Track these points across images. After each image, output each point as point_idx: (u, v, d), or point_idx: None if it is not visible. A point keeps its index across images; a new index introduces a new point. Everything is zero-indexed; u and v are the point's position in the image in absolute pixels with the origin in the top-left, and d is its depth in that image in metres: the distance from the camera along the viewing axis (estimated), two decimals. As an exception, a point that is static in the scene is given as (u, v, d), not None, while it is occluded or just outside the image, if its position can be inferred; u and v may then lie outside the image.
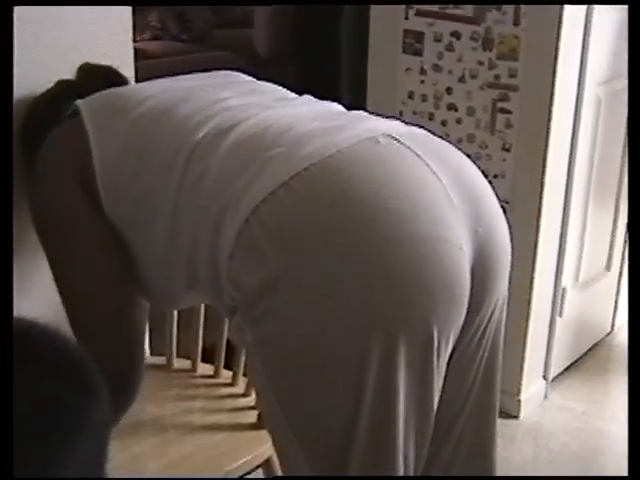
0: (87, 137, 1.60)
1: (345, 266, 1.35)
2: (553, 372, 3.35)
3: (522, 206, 2.89)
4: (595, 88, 3.05)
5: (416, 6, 3.01)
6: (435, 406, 1.46)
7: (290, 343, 1.39)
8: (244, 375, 2.15)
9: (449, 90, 3.02)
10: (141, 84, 1.75)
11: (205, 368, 2.23)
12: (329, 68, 3.54)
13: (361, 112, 1.60)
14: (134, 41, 2.13)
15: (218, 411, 2.07)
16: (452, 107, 3.03)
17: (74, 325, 1.63)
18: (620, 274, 3.68)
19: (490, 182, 1.57)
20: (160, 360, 2.25)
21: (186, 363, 2.24)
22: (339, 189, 1.38)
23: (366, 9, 3.20)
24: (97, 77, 1.87)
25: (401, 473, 1.43)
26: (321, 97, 1.73)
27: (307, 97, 1.69)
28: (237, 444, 1.95)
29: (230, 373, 2.18)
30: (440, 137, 1.56)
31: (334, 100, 1.73)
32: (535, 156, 2.88)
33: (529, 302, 3.01)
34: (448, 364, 1.47)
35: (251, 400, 2.09)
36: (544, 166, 2.88)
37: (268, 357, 1.43)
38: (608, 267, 3.59)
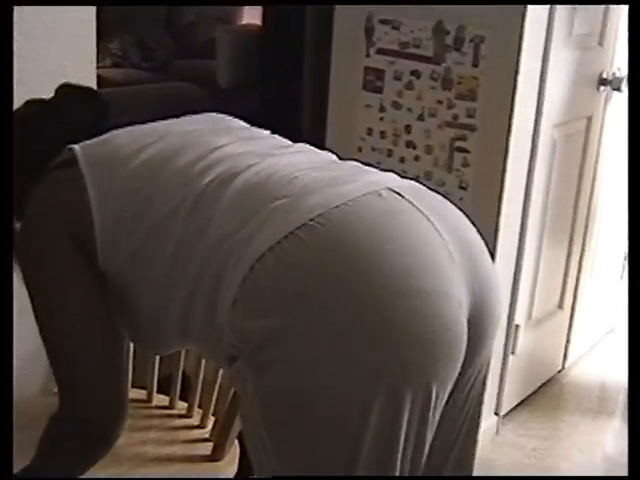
0: (85, 190, 1.56)
1: (350, 319, 1.35)
2: (505, 408, 3.39)
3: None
4: (551, 130, 3.10)
5: (377, 44, 3.05)
6: (426, 453, 1.47)
7: (291, 394, 1.39)
8: (199, 407, 2.16)
9: (408, 128, 3.06)
10: (136, 128, 1.71)
11: (160, 399, 2.23)
12: (290, 101, 3.57)
13: (357, 163, 1.61)
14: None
15: (172, 442, 2.06)
16: (410, 145, 3.06)
17: (59, 375, 1.62)
18: (572, 312, 3.73)
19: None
20: (115, 390, 2.24)
21: (141, 393, 2.24)
22: (345, 242, 1.38)
23: (329, 44, 3.23)
24: (77, 100, 1.83)
25: None
26: (282, 129, 1.75)
27: (303, 145, 1.69)
28: (191, 476, 1.95)
29: (185, 404, 2.18)
30: (435, 191, 1.58)
31: (294, 133, 1.75)
32: (491, 195, 2.92)
33: (482, 339, 3.04)
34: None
35: (206, 432, 2.09)
36: (499, 205, 2.92)
37: (268, 406, 1.42)
38: (560, 305, 3.64)
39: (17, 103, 1.87)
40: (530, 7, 2.75)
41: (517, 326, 3.26)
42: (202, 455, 2.02)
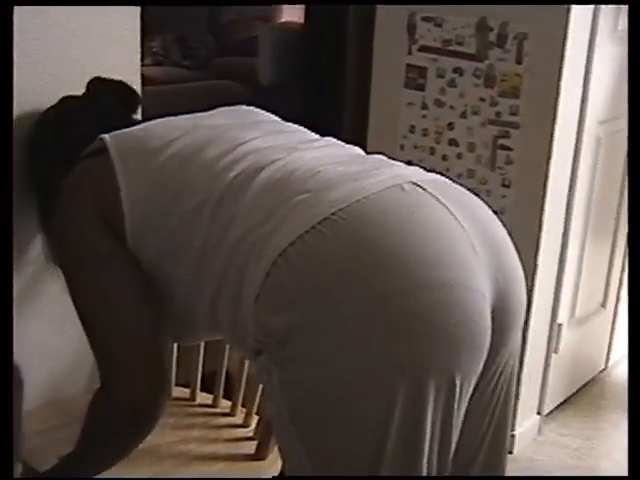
0: (115, 180, 1.59)
1: (372, 312, 1.35)
2: (547, 407, 3.36)
3: (520, 242, 2.87)
4: (595, 127, 3.08)
5: (420, 42, 3.04)
6: (453, 450, 1.47)
7: (316, 386, 1.39)
8: (242, 405, 2.16)
9: (450, 125, 3.05)
10: (165, 121, 1.72)
11: (204, 397, 2.23)
12: (332, 99, 3.56)
13: (382, 157, 1.61)
14: (137, 66, 2.14)
15: (216, 441, 2.06)
16: (453, 142, 3.05)
17: (100, 355, 1.63)
18: (615, 311, 3.70)
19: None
20: (159, 388, 2.25)
21: (185, 392, 2.24)
22: (367, 235, 1.39)
23: (370, 42, 3.23)
24: (109, 94, 1.87)
25: None
26: (323, 128, 1.75)
27: (330, 139, 1.69)
28: (235, 475, 1.94)
29: (229, 403, 2.18)
30: (460, 184, 1.57)
31: (335, 131, 1.75)
32: (534, 193, 2.90)
33: (525, 338, 3.02)
34: (466, 408, 1.48)
35: (250, 431, 2.09)
36: (543, 203, 2.90)
37: (293, 399, 1.42)
38: (604, 304, 3.60)
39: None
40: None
41: (560, 325, 3.23)
42: (245, 454, 2.01)
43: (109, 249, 1.62)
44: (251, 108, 1.84)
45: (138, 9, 2.09)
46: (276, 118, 1.82)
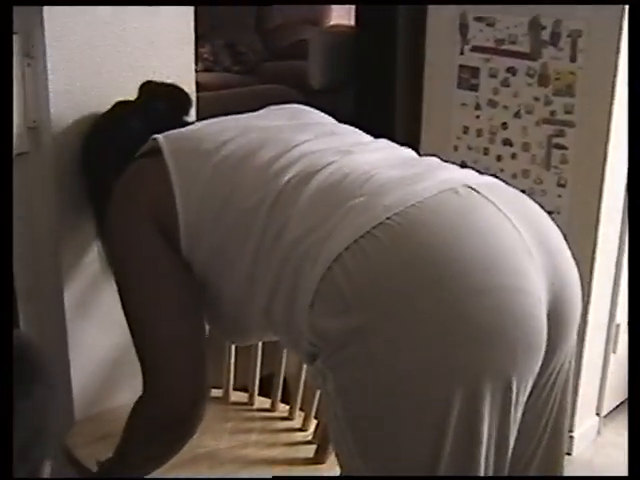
0: (169, 181, 1.60)
1: (428, 317, 1.35)
2: (606, 408, 3.32)
3: (577, 242, 2.84)
4: (652, 124, 3.04)
5: (472, 42, 3.02)
6: (510, 452, 1.46)
7: (372, 392, 1.39)
8: (301, 409, 2.16)
9: (504, 125, 3.03)
10: (217, 121, 1.73)
11: (261, 401, 2.23)
12: (384, 102, 3.55)
13: (435, 159, 1.60)
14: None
15: (274, 445, 2.06)
16: (507, 142, 3.03)
17: (143, 361, 1.65)
18: (674, 310, 3.65)
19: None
20: (217, 392, 2.25)
21: (243, 396, 2.24)
22: (422, 240, 1.38)
23: (422, 43, 3.21)
24: (161, 97, 1.89)
25: None
26: (375, 130, 1.74)
27: (383, 141, 1.69)
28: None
29: (287, 407, 2.18)
30: (514, 185, 1.56)
31: (387, 133, 1.74)
32: (591, 192, 2.87)
33: (583, 338, 2.99)
34: (522, 410, 1.47)
35: (308, 435, 2.09)
36: (599, 202, 2.87)
37: (349, 404, 1.42)
38: (663, 303, 3.55)
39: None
40: (630, -1, 2.69)
41: (618, 325, 3.19)
42: (304, 458, 2.01)
43: (159, 255, 1.63)
44: (302, 107, 1.84)
45: (192, 14, 2.10)
46: (327, 117, 1.82)
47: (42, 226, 2.02)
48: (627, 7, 2.67)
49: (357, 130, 1.75)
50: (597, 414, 3.29)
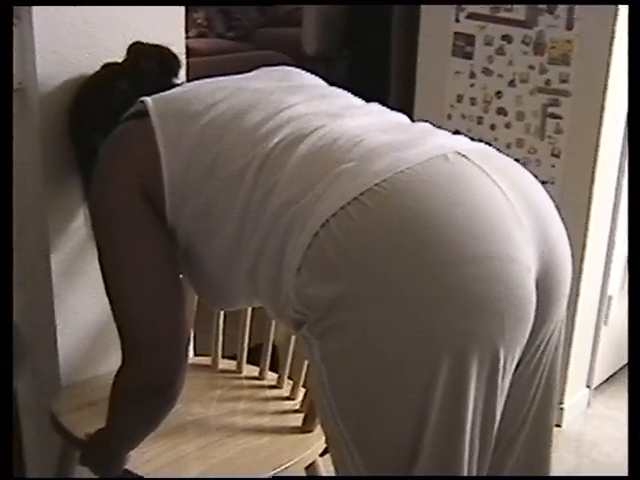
0: (156, 144, 1.57)
1: (416, 284, 1.34)
2: (596, 381, 3.32)
3: (570, 213, 2.82)
4: (648, 94, 3.01)
5: (468, 9, 2.99)
6: (497, 423, 1.45)
7: (357, 358, 1.37)
8: (289, 378, 2.14)
9: (499, 94, 3.00)
10: (208, 82, 1.71)
11: (250, 369, 2.22)
12: (378, 68, 3.53)
13: (427, 125, 1.58)
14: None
15: (262, 413, 2.05)
16: (501, 111, 3.01)
17: (121, 331, 1.63)
18: (667, 283, 3.64)
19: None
20: (205, 360, 2.25)
21: (231, 364, 2.23)
22: (410, 206, 1.36)
23: (417, 10, 3.18)
24: (149, 58, 1.85)
25: None
26: (369, 97, 1.71)
27: (375, 105, 1.66)
28: (281, 447, 1.93)
29: (275, 375, 2.17)
30: (507, 154, 1.53)
31: (381, 101, 1.71)
32: (585, 162, 2.85)
33: (574, 310, 2.98)
34: (510, 380, 1.46)
35: (296, 403, 2.08)
36: (593, 172, 2.85)
37: (335, 372, 1.41)
38: (655, 276, 3.55)
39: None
40: (627, -33, 2.66)
41: (610, 297, 3.19)
42: (292, 426, 2.00)
43: (142, 221, 1.62)
44: (295, 69, 1.81)
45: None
46: (319, 80, 1.79)
47: (29, 190, 1.99)
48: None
49: (348, 94, 1.72)
50: (587, 386, 3.30)
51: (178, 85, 1.82)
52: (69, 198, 2.00)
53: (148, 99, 1.64)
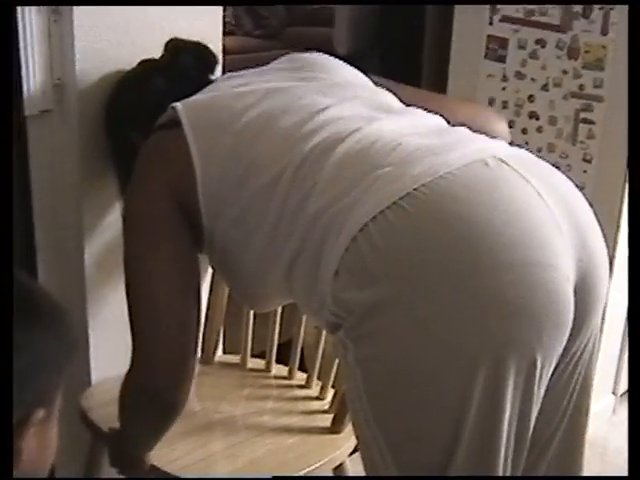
0: (189, 154, 1.57)
1: (455, 290, 1.33)
2: (622, 387, 3.30)
3: (601, 218, 2.81)
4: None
5: (502, 12, 2.98)
6: (532, 429, 1.44)
7: (395, 363, 1.37)
8: (318, 378, 2.14)
9: (531, 98, 2.99)
10: (234, 84, 1.69)
11: (279, 369, 2.21)
12: (409, 70, 3.51)
13: (465, 129, 1.57)
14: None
15: (291, 413, 2.05)
16: (533, 115, 2.99)
17: (134, 324, 1.63)
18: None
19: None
20: (234, 359, 2.25)
21: (260, 363, 2.23)
22: (450, 212, 1.36)
23: (450, 12, 3.16)
24: (186, 54, 1.85)
25: None
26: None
27: (410, 108, 1.65)
28: (309, 448, 1.93)
29: (304, 375, 2.17)
30: (545, 160, 1.53)
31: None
32: (617, 168, 2.83)
33: (603, 316, 2.95)
34: (546, 387, 1.45)
35: (325, 404, 2.07)
36: (625, 179, 2.82)
37: (370, 376, 1.41)
38: (683, 283, 3.52)
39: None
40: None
41: (638, 304, 3.16)
42: (321, 427, 2.00)
43: (170, 230, 1.61)
44: (320, 58, 1.78)
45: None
46: (346, 70, 1.76)
47: (65, 184, 2.00)
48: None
49: (381, 90, 1.70)
50: (613, 393, 3.27)
51: (213, 82, 1.81)
52: (105, 192, 2.01)
53: (179, 106, 1.63)
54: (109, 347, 2.07)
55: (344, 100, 1.61)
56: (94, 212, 2.02)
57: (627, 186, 2.84)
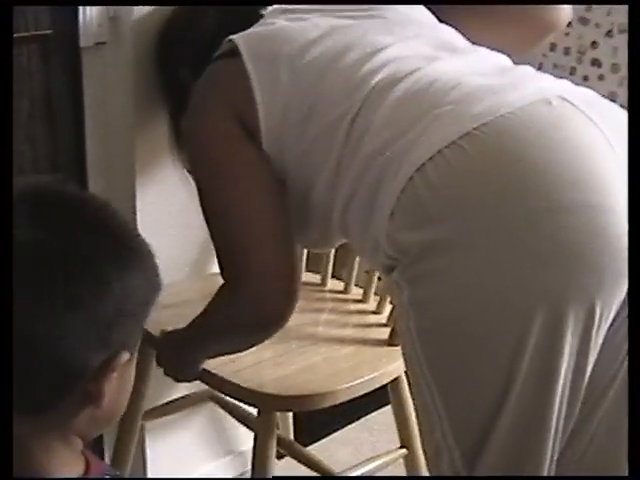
0: (250, 86, 1.54)
1: (512, 233, 1.29)
2: None
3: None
4: None
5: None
6: (587, 380, 1.39)
7: (449, 306, 1.34)
8: (375, 294, 2.09)
9: (594, 45, 2.94)
10: (295, 16, 1.65)
11: (335, 284, 2.18)
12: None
13: (529, 68, 1.52)
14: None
15: (345, 325, 2.02)
16: (596, 63, 2.94)
17: (225, 248, 1.60)
18: None
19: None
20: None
21: (315, 277, 2.20)
22: (511, 153, 1.32)
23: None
24: None
25: (549, 450, 1.38)
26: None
27: (474, 47, 1.60)
28: (364, 358, 1.89)
29: (360, 290, 2.12)
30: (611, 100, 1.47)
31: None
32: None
33: None
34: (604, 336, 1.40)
35: (382, 317, 2.03)
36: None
37: (424, 318, 1.38)
38: None
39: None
40: None
41: None
42: (378, 339, 1.95)
43: (246, 152, 1.58)
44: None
45: None
46: (412, 14, 1.69)
47: (118, 115, 2.01)
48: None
49: (443, 26, 1.65)
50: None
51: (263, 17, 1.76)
52: (157, 127, 2.00)
53: (237, 38, 1.60)
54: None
55: (406, 38, 1.58)
56: (146, 146, 2.02)
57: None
